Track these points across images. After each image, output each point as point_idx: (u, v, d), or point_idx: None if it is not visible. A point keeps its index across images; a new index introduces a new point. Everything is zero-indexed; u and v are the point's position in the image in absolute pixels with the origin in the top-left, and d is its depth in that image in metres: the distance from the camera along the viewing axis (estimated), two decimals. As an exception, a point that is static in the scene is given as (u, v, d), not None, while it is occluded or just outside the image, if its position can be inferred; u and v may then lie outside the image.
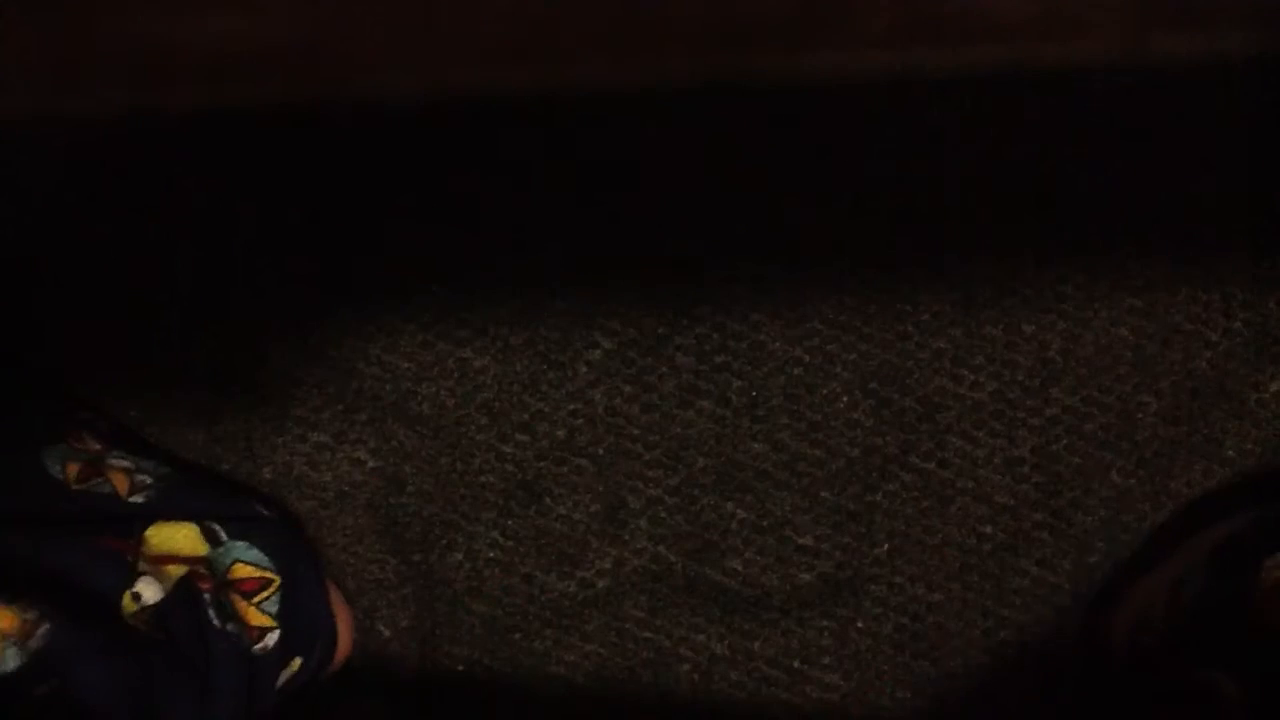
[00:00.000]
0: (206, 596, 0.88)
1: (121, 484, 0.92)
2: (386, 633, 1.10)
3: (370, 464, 1.08)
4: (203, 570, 0.90)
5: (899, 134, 1.08)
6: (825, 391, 1.08)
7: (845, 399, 1.08)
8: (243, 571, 0.92)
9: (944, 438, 1.08)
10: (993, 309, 1.08)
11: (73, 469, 0.91)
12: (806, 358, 1.08)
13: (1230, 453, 1.09)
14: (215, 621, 0.87)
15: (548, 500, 1.09)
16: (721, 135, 1.08)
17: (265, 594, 0.92)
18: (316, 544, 1.08)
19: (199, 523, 0.92)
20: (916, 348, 1.08)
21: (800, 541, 1.09)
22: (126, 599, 0.86)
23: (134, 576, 0.86)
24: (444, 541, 1.09)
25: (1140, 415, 1.09)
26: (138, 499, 0.92)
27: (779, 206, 1.08)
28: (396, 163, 1.08)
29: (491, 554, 1.09)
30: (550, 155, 1.08)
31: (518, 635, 1.10)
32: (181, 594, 0.87)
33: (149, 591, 0.86)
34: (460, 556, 1.09)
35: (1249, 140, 1.08)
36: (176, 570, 0.89)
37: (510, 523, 1.09)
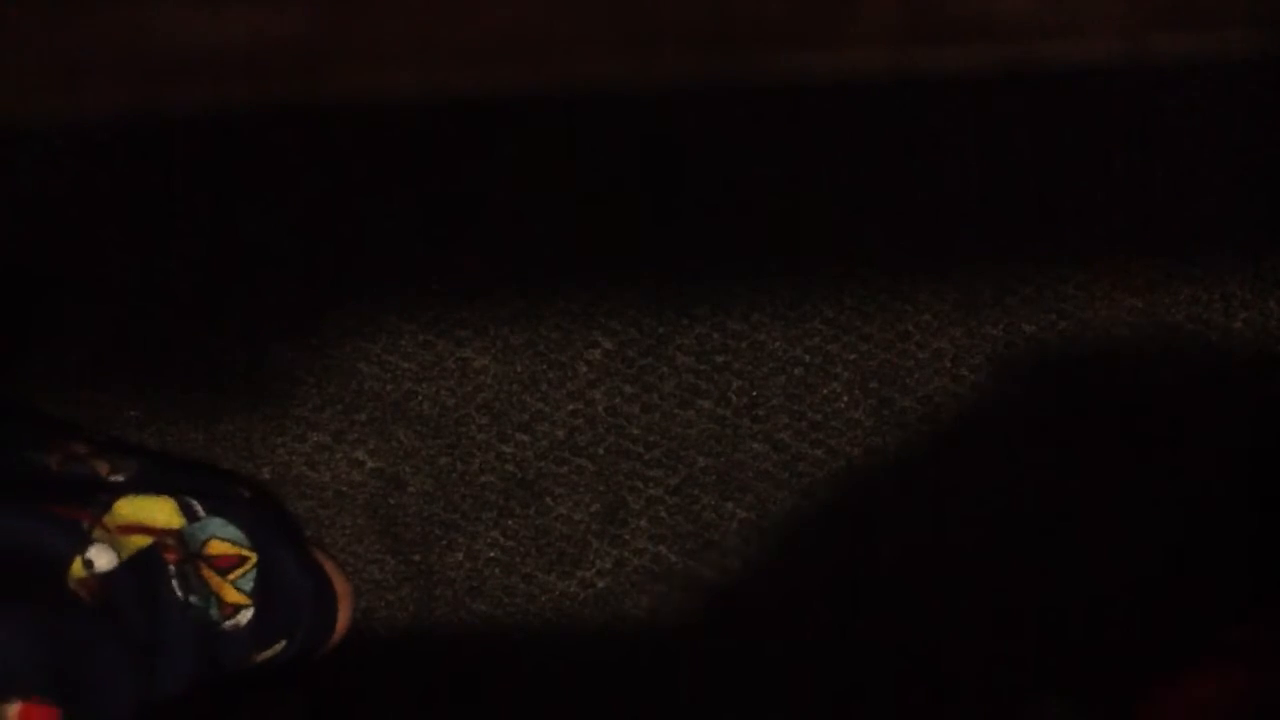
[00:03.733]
0: (171, 568, 0.88)
1: (104, 469, 0.92)
2: (387, 632, 1.10)
3: (370, 464, 1.08)
4: (171, 543, 0.90)
5: (899, 134, 1.08)
6: (825, 391, 1.08)
7: (845, 399, 1.08)
8: (219, 548, 0.92)
9: (944, 438, 1.08)
10: (993, 309, 1.08)
11: (55, 458, 0.92)
12: (806, 358, 1.08)
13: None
14: (177, 593, 0.87)
15: (548, 500, 1.09)
16: (722, 135, 1.08)
17: (240, 571, 0.92)
18: (318, 542, 1.08)
19: (176, 497, 0.92)
20: (916, 348, 1.08)
21: (800, 542, 1.09)
22: (77, 564, 0.85)
23: (87, 543, 0.86)
24: (444, 541, 1.09)
25: (1140, 415, 1.08)
26: (118, 478, 0.92)
27: (779, 206, 1.08)
28: (396, 163, 1.08)
29: (491, 554, 1.09)
30: (550, 155, 1.08)
31: (518, 635, 1.10)
32: (139, 562, 0.87)
33: (102, 559, 0.86)
34: (460, 556, 1.09)
35: (1249, 140, 1.08)
36: (141, 540, 0.89)
37: (510, 523, 1.09)
